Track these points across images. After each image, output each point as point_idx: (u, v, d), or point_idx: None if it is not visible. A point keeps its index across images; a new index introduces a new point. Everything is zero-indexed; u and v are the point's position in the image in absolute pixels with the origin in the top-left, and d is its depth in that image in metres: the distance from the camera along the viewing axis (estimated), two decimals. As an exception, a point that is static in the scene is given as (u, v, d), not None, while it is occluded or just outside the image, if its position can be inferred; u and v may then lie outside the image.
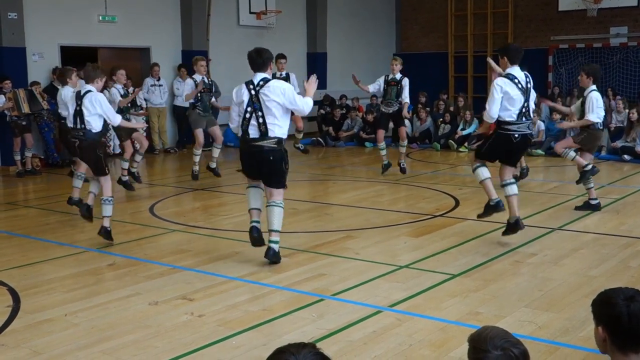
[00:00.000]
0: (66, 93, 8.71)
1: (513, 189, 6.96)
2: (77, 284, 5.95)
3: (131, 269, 6.37)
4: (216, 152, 11.11)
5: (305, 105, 6.30)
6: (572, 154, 8.55)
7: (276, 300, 5.48)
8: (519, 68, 6.85)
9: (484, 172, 7.00)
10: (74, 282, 6.01)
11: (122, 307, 5.33)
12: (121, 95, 9.87)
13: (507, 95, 6.69)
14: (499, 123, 6.85)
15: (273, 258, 6.36)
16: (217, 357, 4.37)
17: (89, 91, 7.10)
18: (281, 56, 11.34)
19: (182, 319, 5.03)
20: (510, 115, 6.76)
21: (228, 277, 6.04)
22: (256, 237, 6.41)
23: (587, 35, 18.56)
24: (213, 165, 11.04)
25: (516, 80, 6.72)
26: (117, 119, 7.40)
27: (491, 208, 7.06)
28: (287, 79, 11.30)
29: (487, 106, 6.78)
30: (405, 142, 11.69)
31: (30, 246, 7.34)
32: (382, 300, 5.35)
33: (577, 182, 8.68)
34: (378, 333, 4.68)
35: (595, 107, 8.29)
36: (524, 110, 6.76)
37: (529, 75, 6.91)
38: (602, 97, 9.12)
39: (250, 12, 17.20)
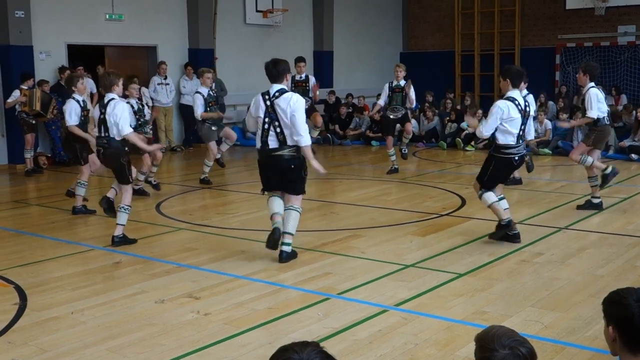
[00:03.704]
0: (71, 107, 8.63)
1: (504, 204, 7.06)
2: (84, 282, 5.96)
3: (137, 267, 6.39)
4: (225, 147, 11.17)
5: (305, 133, 6.23)
6: (589, 159, 8.46)
7: (282, 298, 5.49)
8: (518, 92, 6.94)
9: (491, 197, 6.96)
10: (81, 280, 6.02)
11: (129, 305, 5.34)
12: (134, 111, 9.45)
13: (510, 118, 6.74)
14: (499, 147, 6.88)
15: (287, 259, 6.42)
16: (222, 355, 4.37)
17: (112, 99, 7.17)
18: (300, 59, 11.53)
19: (188, 317, 5.04)
20: (512, 139, 6.81)
21: (234, 276, 6.04)
22: (277, 239, 6.33)
23: (595, 34, 18.50)
24: (217, 155, 11.05)
25: (516, 103, 6.80)
26: (126, 130, 7.16)
27: (503, 228, 6.97)
28: (306, 81, 11.31)
29: (483, 124, 6.82)
30: (410, 135, 12.01)
31: (37, 244, 7.37)
32: (388, 299, 5.35)
33: (601, 187, 8.57)
34: (384, 332, 4.68)
35: (595, 103, 8.26)
36: (521, 133, 6.86)
37: (529, 100, 7.05)
38: (605, 96, 9.10)
39: (257, 11, 17.20)
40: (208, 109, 10.57)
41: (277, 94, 6.25)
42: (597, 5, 17.75)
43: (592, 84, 8.37)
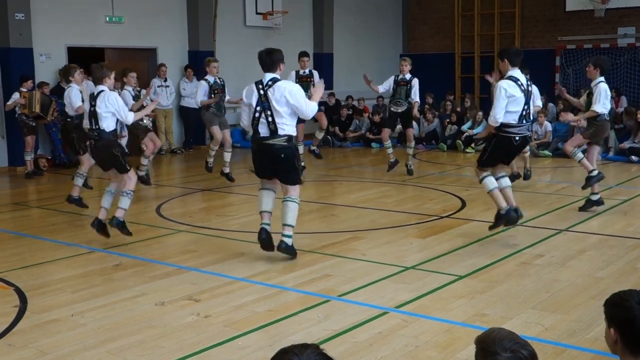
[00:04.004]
0: (72, 91, 8.79)
1: (506, 182, 7.10)
2: (84, 284, 5.96)
3: (137, 270, 6.38)
4: (227, 157, 10.99)
5: (310, 109, 6.33)
6: (580, 155, 8.53)
7: (282, 301, 5.48)
8: (519, 70, 6.95)
9: (492, 183, 6.99)
10: (81, 283, 6.02)
11: (129, 307, 5.34)
12: (132, 98, 9.82)
13: (512, 98, 6.75)
14: (501, 125, 6.87)
15: (285, 251, 6.42)
16: (222, 357, 4.37)
17: (102, 91, 7.16)
18: (304, 54, 11.45)
19: (188, 320, 5.04)
20: (513, 118, 6.84)
21: (234, 278, 6.04)
22: (265, 239, 6.47)
23: (595, 36, 18.49)
24: (226, 170, 11.02)
25: (519, 82, 6.82)
26: (129, 117, 7.39)
27: (502, 217, 7.00)
28: (310, 76, 11.27)
29: (492, 110, 6.83)
30: (413, 144, 11.90)
31: (37, 246, 7.37)
32: (388, 301, 5.34)
33: (583, 188, 8.64)
34: (384, 334, 4.68)
35: (602, 98, 8.28)
36: (524, 112, 6.85)
37: (533, 90, 7.11)
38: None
39: (257, 13, 17.19)
40: (213, 95, 10.60)
41: (270, 82, 6.27)
42: (596, 7, 17.76)
43: (602, 78, 8.37)
